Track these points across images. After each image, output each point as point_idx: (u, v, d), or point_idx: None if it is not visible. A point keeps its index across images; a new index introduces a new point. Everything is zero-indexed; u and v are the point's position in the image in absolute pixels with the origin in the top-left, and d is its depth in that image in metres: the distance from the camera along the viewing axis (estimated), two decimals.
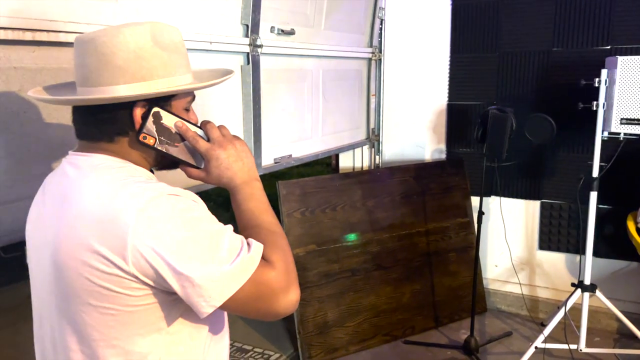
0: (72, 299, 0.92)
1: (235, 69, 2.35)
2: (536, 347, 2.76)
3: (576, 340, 2.79)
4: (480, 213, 2.98)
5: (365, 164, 3.80)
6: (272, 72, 2.59)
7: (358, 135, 3.63)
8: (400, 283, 3.24)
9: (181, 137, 1.02)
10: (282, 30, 2.59)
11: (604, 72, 2.56)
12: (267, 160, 2.67)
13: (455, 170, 3.50)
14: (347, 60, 3.39)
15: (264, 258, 0.92)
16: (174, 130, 1.01)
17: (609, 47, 3.04)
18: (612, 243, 3.18)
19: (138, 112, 0.97)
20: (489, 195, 3.44)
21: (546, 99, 3.21)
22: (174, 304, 0.93)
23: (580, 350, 2.78)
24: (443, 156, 3.62)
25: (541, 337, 2.77)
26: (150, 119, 0.97)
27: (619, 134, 2.55)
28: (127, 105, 0.96)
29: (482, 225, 3.02)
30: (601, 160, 2.66)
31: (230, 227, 0.94)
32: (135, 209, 0.86)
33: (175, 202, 0.89)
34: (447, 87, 3.54)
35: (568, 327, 2.82)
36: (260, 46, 2.41)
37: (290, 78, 2.80)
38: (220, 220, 0.95)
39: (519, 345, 3.11)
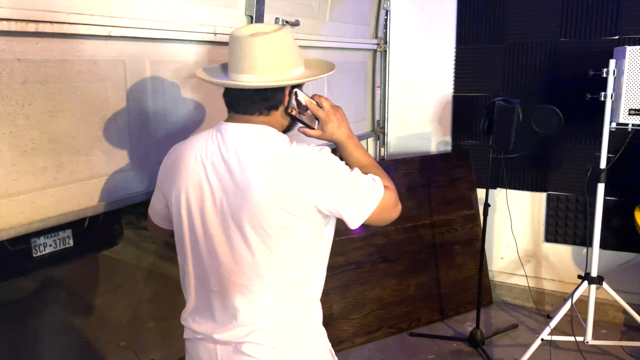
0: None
1: None
2: (542, 339, 2.75)
3: (582, 333, 2.78)
4: (486, 205, 2.96)
5: None
6: None
7: (363, 127, 3.61)
8: (406, 275, 3.23)
9: (306, 107, 1.38)
10: (287, 22, 2.56)
11: (612, 63, 2.53)
12: None
13: (461, 162, 3.48)
14: (352, 52, 3.37)
15: None
16: (303, 103, 1.37)
17: (617, 37, 3.00)
18: (619, 235, 3.16)
19: (287, 92, 1.34)
20: (495, 187, 3.42)
21: (553, 90, 3.18)
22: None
23: (587, 342, 2.78)
24: (449, 148, 3.60)
25: (547, 329, 2.76)
26: (293, 96, 1.35)
27: (627, 124, 2.53)
28: (282, 88, 1.33)
29: (488, 218, 3.00)
30: (609, 151, 2.64)
31: (357, 169, 1.32)
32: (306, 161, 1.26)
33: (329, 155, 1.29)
34: (452, 78, 3.52)
35: (574, 320, 2.81)
36: None
37: None
38: None
39: (525, 337, 3.10)
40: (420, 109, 3.63)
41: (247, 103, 1.31)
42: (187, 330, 1.42)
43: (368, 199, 1.27)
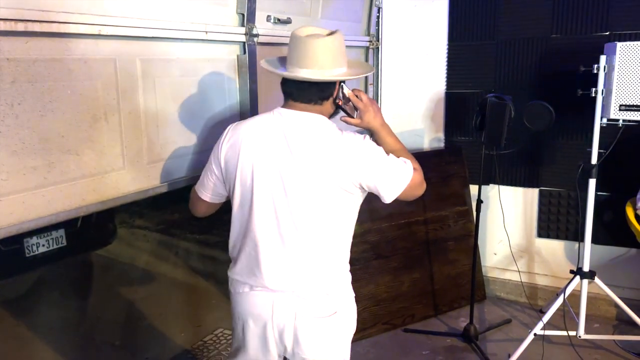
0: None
1: (230, 59, 2.34)
2: (535, 334, 2.77)
3: (575, 327, 2.80)
4: (479, 201, 2.97)
5: None
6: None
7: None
8: (400, 272, 3.24)
9: (348, 99, 1.65)
10: (279, 19, 2.56)
11: (603, 59, 2.53)
12: None
13: (453, 158, 3.49)
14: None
15: None
16: (347, 95, 1.65)
17: (607, 34, 3.02)
18: (611, 230, 3.18)
19: (337, 86, 1.62)
20: (488, 184, 3.44)
21: (545, 86, 3.19)
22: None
23: (579, 336, 2.79)
24: (442, 145, 3.61)
25: (540, 324, 2.77)
26: (340, 89, 1.62)
27: (617, 120, 2.54)
28: (333, 82, 1.60)
29: (481, 214, 3.01)
30: (600, 147, 2.65)
31: (391, 154, 1.60)
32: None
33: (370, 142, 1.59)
34: (445, 75, 3.52)
35: (567, 314, 2.83)
36: (257, 35, 2.38)
37: None
38: None
39: (518, 332, 3.12)
40: (413, 105, 3.64)
41: (305, 93, 1.58)
42: (241, 284, 1.65)
43: (401, 178, 1.57)
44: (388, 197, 1.57)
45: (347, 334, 1.70)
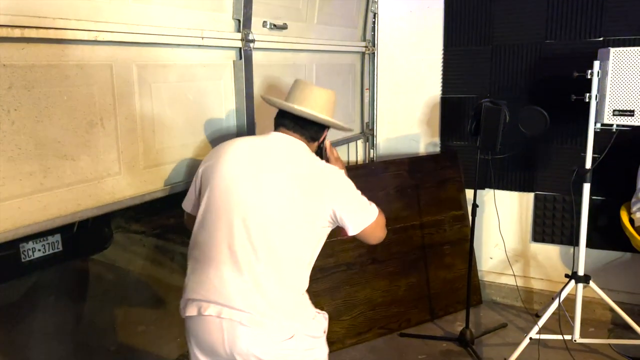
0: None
1: (227, 64, 2.35)
2: (531, 338, 2.78)
3: (570, 331, 2.81)
4: (475, 206, 2.98)
5: (360, 158, 3.79)
6: (265, 67, 2.57)
7: (352, 130, 3.62)
8: (396, 276, 3.25)
9: (324, 148, 1.90)
10: (275, 25, 2.57)
11: (597, 64, 2.56)
12: None
13: (449, 163, 3.50)
14: (340, 55, 3.38)
15: None
16: (325, 144, 1.91)
17: (601, 39, 3.04)
18: (605, 234, 3.19)
19: (326, 132, 1.86)
20: (483, 188, 3.44)
21: (539, 91, 3.22)
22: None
23: (575, 340, 2.80)
24: (437, 149, 3.63)
25: (536, 328, 2.78)
26: (324, 137, 1.86)
27: (611, 125, 2.56)
28: (324, 127, 1.84)
29: (477, 218, 3.02)
30: (594, 151, 2.67)
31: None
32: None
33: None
34: (440, 80, 3.54)
35: (562, 318, 2.84)
36: (253, 41, 2.39)
37: (283, 73, 2.79)
38: None
39: (514, 336, 3.12)
40: (409, 110, 3.65)
41: (301, 129, 1.76)
42: (190, 304, 1.62)
43: (369, 213, 1.69)
44: (354, 228, 1.65)
45: (312, 356, 1.67)
